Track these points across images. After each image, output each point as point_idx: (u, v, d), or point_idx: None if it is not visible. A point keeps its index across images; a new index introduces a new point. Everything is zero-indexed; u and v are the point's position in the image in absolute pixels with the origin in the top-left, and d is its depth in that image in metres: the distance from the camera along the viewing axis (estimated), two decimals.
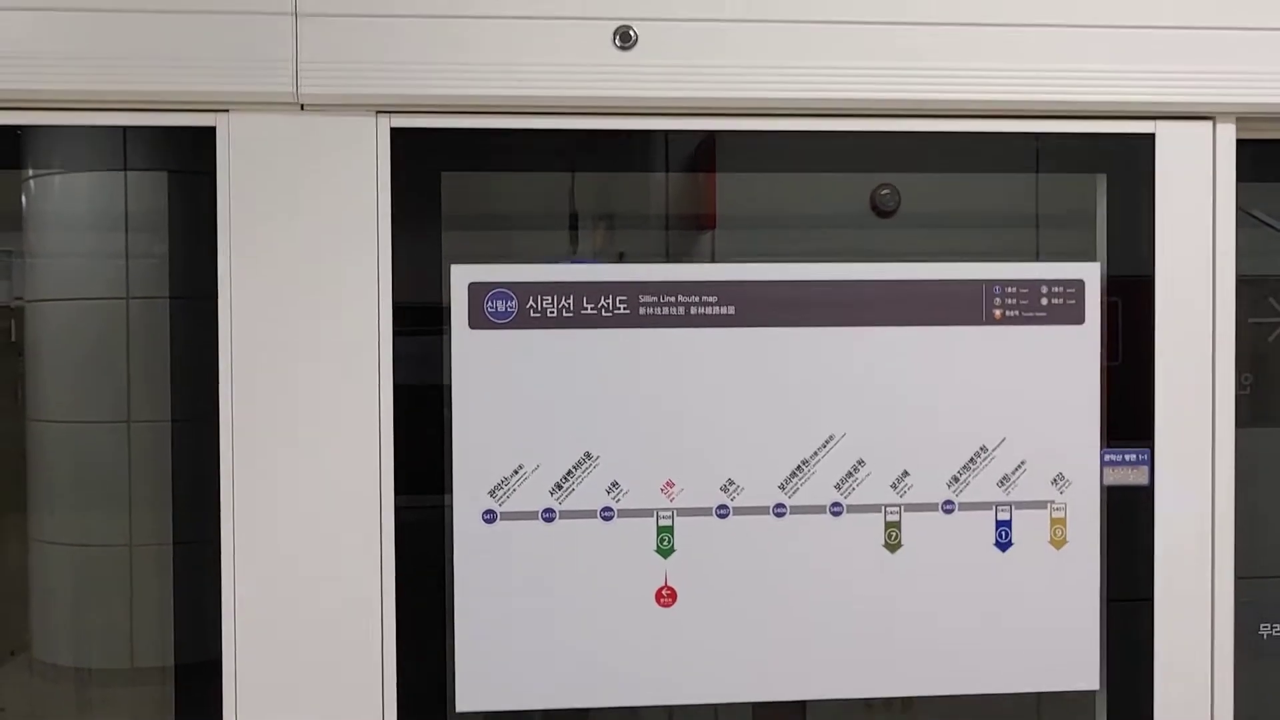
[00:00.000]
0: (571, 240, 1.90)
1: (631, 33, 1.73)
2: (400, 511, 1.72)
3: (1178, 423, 1.84)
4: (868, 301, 1.80)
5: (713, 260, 1.89)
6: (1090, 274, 1.84)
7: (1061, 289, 1.83)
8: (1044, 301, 1.83)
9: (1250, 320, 2.23)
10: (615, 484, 1.75)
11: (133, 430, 1.89)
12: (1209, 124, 1.85)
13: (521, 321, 1.74)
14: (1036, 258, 1.90)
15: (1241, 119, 1.86)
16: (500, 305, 1.74)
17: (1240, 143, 1.87)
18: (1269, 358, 2.24)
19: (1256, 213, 2.06)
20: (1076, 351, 1.84)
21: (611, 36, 1.73)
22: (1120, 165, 1.86)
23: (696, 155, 1.85)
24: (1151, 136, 1.84)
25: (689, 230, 1.91)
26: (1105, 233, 1.88)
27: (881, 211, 1.90)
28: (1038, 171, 1.90)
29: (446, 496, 1.74)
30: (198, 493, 1.74)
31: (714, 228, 1.89)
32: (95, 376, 1.91)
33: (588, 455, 1.75)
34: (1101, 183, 1.88)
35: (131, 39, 1.66)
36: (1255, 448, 2.24)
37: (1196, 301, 1.85)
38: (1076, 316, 1.83)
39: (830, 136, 1.82)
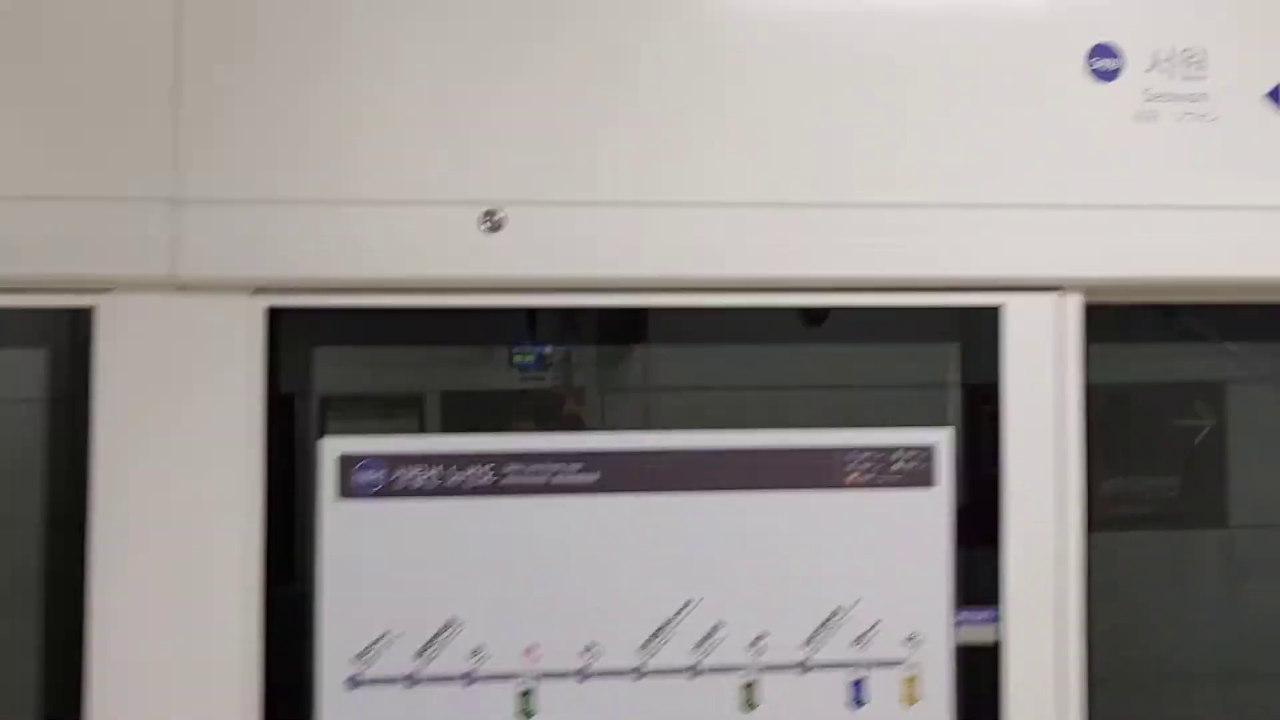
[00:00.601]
0: (442, 411, 1.97)
1: (498, 215, 1.81)
2: (268, 677, 1.78)
3: (1026, 582, 1.92)
4: (726, 468, 1.88)
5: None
6: (942, 439, 1.92)
7: (914, 454, 1.91)
8: (896, 467, 1.91)
9: (1177, 423, 2.33)
10: (478, 650, 1.82)
11: None
12: (1056, 295, 1.94)
13: (389, 491, 1.81)
14: (891, 424, 1.98)
15: (1089, 289, 1.95)
16: (369, 476, 1.81)
17: (1093, 307, 1.96)
18: (1196, 460, 2.34)
19: (1184, 315, 2.17)
20: (928, 514, 1.92)
21: (479, 219, 1.81)
22: (971, 334, 1.95)
23: (563, 330, 1.94)
24: (1001, 308, 1.93)
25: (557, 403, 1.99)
26: (957, 399, 1.97)
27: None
28: (893, 341, 1.98)
29: (312, 662, 1.80)
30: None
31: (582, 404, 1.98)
32: None
33: (451, 622, 1.82)
34: (954, 351, 1.97)
35: (9, 224, 1.73)
36: (1184, 551, 2.35)
37: (1044, 463, 1.94)
38: (928, 480, 1.91)
39: (701, 312, 1.91)
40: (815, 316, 1.94)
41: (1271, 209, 1.96)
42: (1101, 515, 2.08)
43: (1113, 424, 2.16)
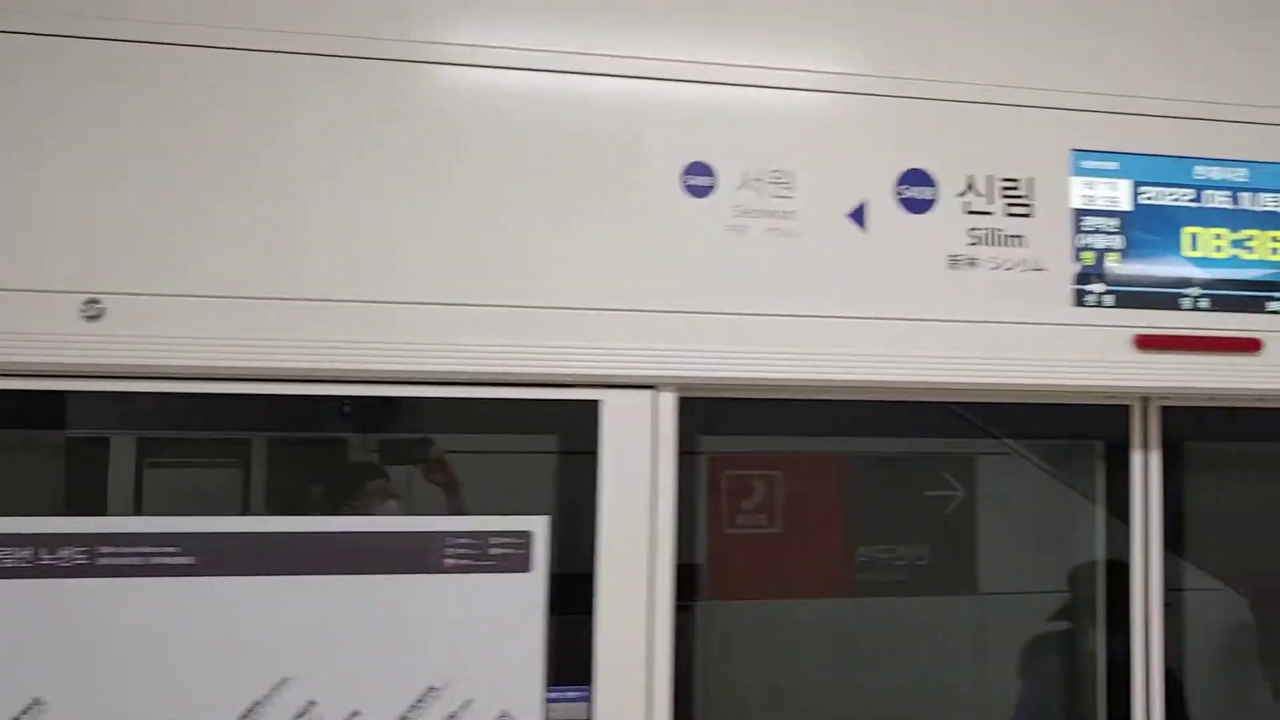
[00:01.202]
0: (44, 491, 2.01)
1: (98, 304, 1.88)
2: None
3: (616, 660, 2.04)
4: (323, 551, 1.96)
5: None
6: (538, 526, 2.04)
7: (510, 540, 2.03)
8: (493, 551, 2.02)
9: (926, 493, 2.49)
10: None
11: None
12: (651, 392, 2.09)
13: None
14: (491, 511, 2.09)
15: (682, 387, 2.10)
16: None
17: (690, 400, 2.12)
18: (947, 529, 2.50)
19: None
20: (523, 597, 2.03)
21: (79, 308, 1.88)
22: (570, 427, 2.08)
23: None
24: (599, 403, 2.07)
25: None
26: (555, 488, 2.09)
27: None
28: (498, 432, 2.10)
29: None
30: None
31: None
32: None
33: (36, 702, 1.85)
34: (553, 443, 2.10)
35: None
36: (934, 617, 2.50)
37: (636, 548, 2.07)
38: (524, 565, 2.03)
39: (322, 400, 2.00)
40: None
41: (852, 319, 2.14)
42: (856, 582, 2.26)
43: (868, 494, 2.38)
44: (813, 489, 2.50)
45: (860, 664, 2.47)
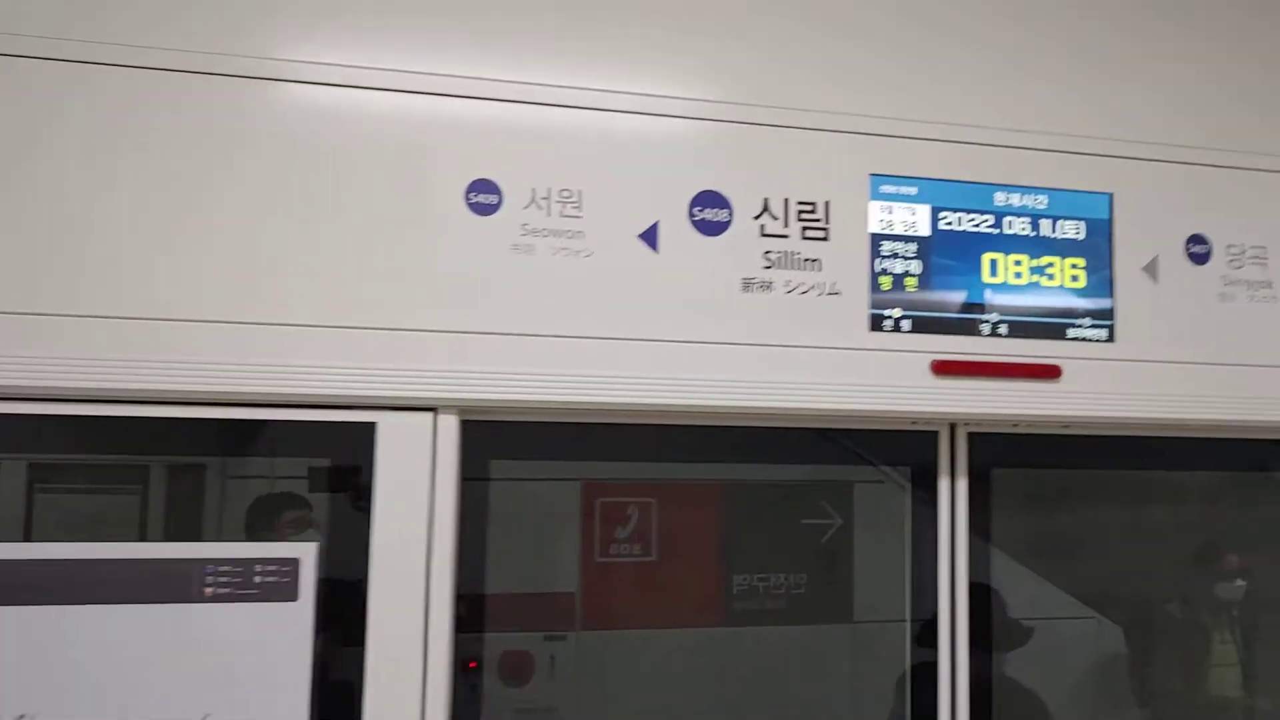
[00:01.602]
0: None
1: None
2: None
3: (389, 689, 1.97)
4: (74, 581, 1.87)
5: None
6: (306, 553, 1.96)
7: (276, 568, 1.95)
8: (257, 580, 1.94)
9: (803, 522, 2.43)
10: None
11: None
12: (430, 415, 2.02)
13: None
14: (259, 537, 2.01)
15: (464, 409, 2.04)
16: None
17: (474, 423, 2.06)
18: (824, 557, 2.44)
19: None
20: (290, 626, 1.95)
21: None
22: (345, 450, 2.01)
23: None
24: (375, 425, 2.00)
25: None
26: (327, 513, 2.02)
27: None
28: (273, 455, 2.03)
29: None
30: None
31: None
32: None
33: None
34: (325, 466, 2.03)
35: None
36: (811, 644, 2.44)
37: (413, 572, 2.00)
38: (291, 594, 1.95)
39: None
40: None
41: (642, 341, 2.10)
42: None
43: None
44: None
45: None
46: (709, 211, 2.16)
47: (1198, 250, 2.41)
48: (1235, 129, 2.47)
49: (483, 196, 2.06)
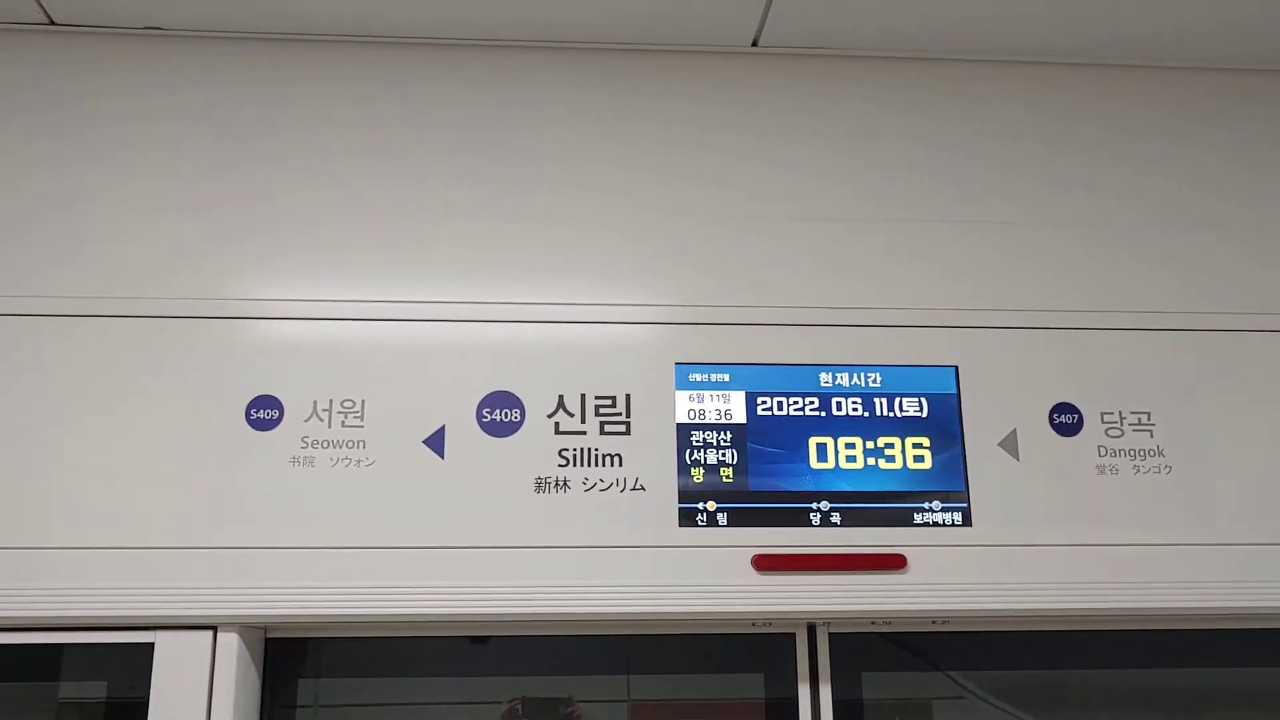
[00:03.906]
0: None
1: None
2: None
3: None
4: None
5: None
6: None
7: None
8: None
9: None
10: None
11: None
12: (209, 633, 2.01)
13: None
14: None
15: (244, 627, 2.02)
16: None
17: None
18: None
19: None
20: None
21: None
22: (129, 671, 2.01)
23: None
24: (153, 645, 2.00)
25: None
26: None
27: None
28: (59, 680, 2.05)
29: None
30: None
31: None
32: None
33: None
34: (102, 691, 2.03)
35: None
36: None
37: None
38: None
39: None
40: None
41: (430, 549, 2.05)
42: None
43: None
44: None
45: None
46: (499, 412, 2.13)
47: (1064, 420, 2.20)
48: (1104, 288, 2.28)
49: (264, 412, 2.09)
